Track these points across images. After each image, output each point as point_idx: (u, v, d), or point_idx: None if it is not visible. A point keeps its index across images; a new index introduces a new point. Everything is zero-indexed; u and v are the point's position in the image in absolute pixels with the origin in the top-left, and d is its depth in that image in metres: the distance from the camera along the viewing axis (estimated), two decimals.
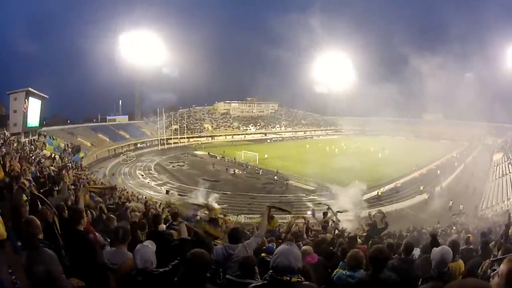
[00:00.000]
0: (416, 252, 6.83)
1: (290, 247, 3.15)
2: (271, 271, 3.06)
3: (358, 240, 10.08)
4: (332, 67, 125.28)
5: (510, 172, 41.77)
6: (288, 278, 2.96)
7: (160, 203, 25.14)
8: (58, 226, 5.35)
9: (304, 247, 6.39)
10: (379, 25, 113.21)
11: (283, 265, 2.97)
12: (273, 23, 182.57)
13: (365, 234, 12.06)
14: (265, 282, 3.12)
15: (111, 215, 8.35)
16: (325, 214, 14.25)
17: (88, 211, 7.74)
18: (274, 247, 6.05)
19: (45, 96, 53.60)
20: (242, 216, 31.03)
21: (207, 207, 10.82)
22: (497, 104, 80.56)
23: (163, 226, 7.09)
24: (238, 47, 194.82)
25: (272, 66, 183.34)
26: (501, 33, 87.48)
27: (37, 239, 3.99)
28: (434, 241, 6.10)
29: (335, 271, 5.22)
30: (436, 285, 4.13)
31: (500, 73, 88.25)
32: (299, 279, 3.03)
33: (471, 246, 8.34)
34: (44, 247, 3.88)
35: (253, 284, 3.42)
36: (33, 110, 49.61)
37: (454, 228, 20.13)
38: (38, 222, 4.17)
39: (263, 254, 6.11)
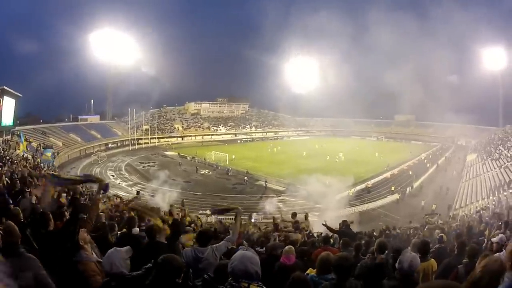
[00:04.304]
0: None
1: (245, 252, 3.20)
2: (230, 278, 3.06)
3: (331, 240, 10.08)
4: (303, 68, 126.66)
5: (483, 173, 41.80)
6: (246, 285, 2.94)
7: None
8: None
9: (286, 247, 6.08)
10: (351, 27, 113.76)
11: (239, 269, 2.98)
12: (245, 25, 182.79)
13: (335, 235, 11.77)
14: None
15: None
16: (294, 215, 14.03)
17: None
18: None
19: (19, 95, 51.61)
20: (213, 217, 30.37)
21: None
22: (471, 105, 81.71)
23: (136, 229, 7.04)
24: (209, 48, 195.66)
25: (244, 67, 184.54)
26: (476, 36, 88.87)
27: (18, 246, 3.71)
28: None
29: (307, 272, 5.09)
30: (395, 284, 4.22)
31: (474, 76, 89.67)
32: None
33: (444, 245, 8.21)
34: (25, 252, 3.67)
35: None
36: (8, 109, 48.02)
37: (426, 227, 19.52)
38: (17, 228, 3.87)
39: None
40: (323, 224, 13.11)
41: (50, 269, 3.72)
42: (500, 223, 11.53)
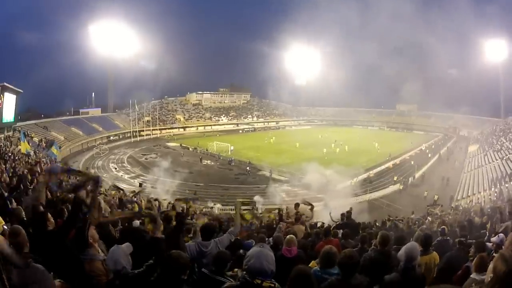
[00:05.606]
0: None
1: (262, 249, 3.22)
2: (244, 272, 3.14)
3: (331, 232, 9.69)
4: (305, 57, 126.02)
5: (485, 164, 41.76)
6: (260, 282, 3.01)
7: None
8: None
9: (288, 237, 5.94)
10: (352, 16, 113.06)
11: (255, 267, 3.04)
12: (246, 15, 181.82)
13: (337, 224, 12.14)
14: (237, 283, 3.22)
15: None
16: (296, 205, 13.61)
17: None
18: (253, 244, 6.18)
19: (20, 90, 51.54)
20: (215, 207, 31.02)
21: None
22: (473, 96, 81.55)
23: (137, 223, 7.25)
24: (210, 38, 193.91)
25: (245, 56, 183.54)
26: (479, 28, 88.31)
27: (24, 252, 3.56)
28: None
29: (310, 265, 5.20)
30: (396, 278, 4.12)
31: (476, 66, 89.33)
32: (272, 285, 3.05)
33: (446, 238, 8.09)
34: (34, 262, 3.27)
35: (226, 284, 3.52)
36: (8, 106, 48.03)
37: (429, 218, 19.61)
38: (24, 232, 3.76)
39: (241, 251, 6.13)
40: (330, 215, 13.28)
41: (50, 268, 3.56)
42: (498, 215, 11.64)
